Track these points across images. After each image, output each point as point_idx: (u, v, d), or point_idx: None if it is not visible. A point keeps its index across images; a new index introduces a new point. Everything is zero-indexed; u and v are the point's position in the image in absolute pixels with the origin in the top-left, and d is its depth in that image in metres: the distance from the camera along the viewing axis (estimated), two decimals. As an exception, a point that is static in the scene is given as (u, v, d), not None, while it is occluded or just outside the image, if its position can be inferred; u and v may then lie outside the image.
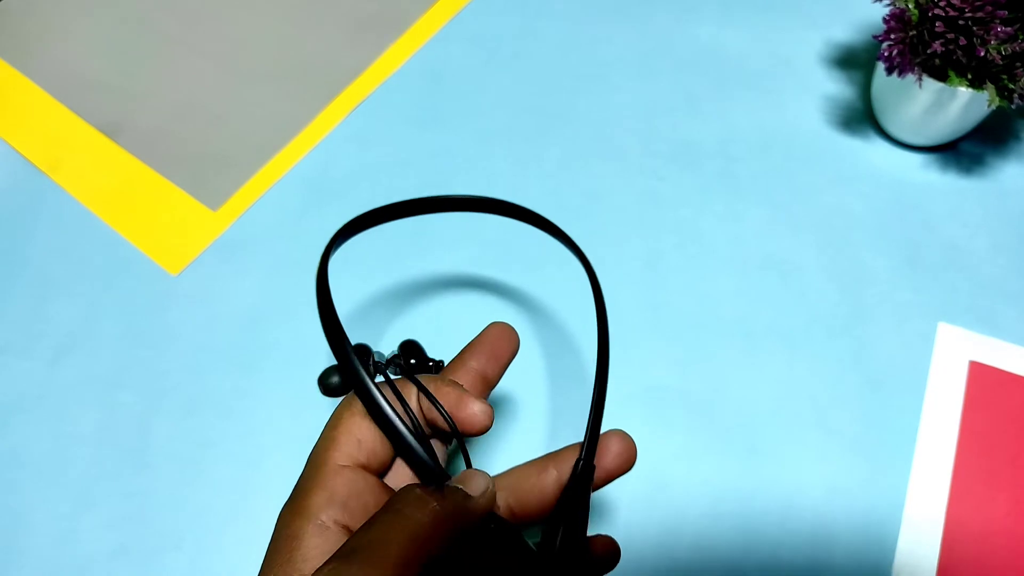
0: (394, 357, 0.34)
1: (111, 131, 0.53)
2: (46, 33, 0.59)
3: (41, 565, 0.38)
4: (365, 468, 0.26)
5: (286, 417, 0.42)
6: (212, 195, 0.50)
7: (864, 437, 0.40)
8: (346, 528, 0.24)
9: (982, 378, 0.41)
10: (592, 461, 0.27)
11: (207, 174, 0.51)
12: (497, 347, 0.30)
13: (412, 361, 0.34)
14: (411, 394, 0.27)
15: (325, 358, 0.43)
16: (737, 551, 0.37)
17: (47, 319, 0.45)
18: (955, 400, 0.40)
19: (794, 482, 0.39)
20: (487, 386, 0.29)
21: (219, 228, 0.49)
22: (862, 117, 0.51)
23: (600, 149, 0.51)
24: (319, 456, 0.26)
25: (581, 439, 0.28)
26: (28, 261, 0.48)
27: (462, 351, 0.30)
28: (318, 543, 0.23)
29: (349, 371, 0.26)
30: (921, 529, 0.37)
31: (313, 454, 0.26)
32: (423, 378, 0.28)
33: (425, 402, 0.27)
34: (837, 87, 0.53)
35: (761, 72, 0.54)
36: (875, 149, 0.50)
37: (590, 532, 0.27)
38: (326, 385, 0.35)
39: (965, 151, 0.49)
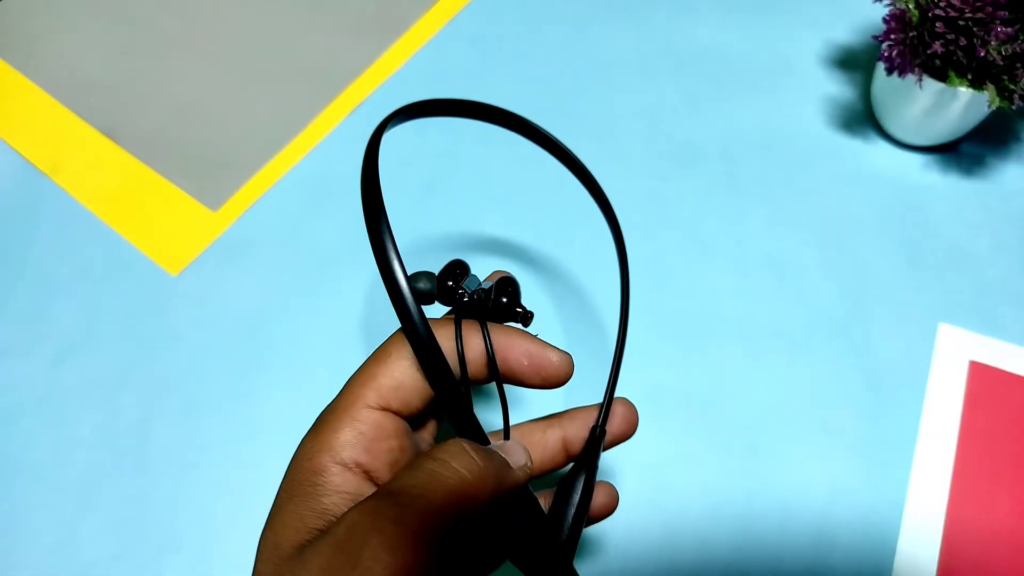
0: (481, 290, 0.28)
1: (111, 132, 0.53)
2: (46, 33, 0.59)
3: (41, 569, 0.38)
4: (396, 415, 0.24)
5: (286, 419, 0.41)
6: (212, 195, 0.50)
7: (864, 437, 0.40)
8: (366, 473, 0.23)
9: (983, 378, 0.41)
10: (606, 425, 0.28)
11: (207, 175, 0.51)
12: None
13: (503, 300, 0.28)
14: (475, 335, 0.25)
15: (327, 359, 0.43)
16: (737, 552, 0.37)
17: (48, 321, 0.45)
18: (955, 400, 0.40)
19: (794, 483, 0.39)
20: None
21: (219, 228, 0.49)
22: (862, 118, 0.51)
23: (601, 150, 0.50)
24: (353, 390, 0.24)
25: (583, 403, 0.29)
26: (29, 263, 0.47)
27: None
28: (339, 482, 0.22)
29: (399, 305, 0.23)
30: (921, 529, 0.37)
31: (348, 386, 0.24)
32: (495, 326, 0.26)
33: (502, 351, 0.25)
34: (837, 88, 0.52)
35: (762, 73, 0.54)
36: (876, 150, 0.49)
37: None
38: (413, 289, 0.29)
39: (966, 152, 0.49)
